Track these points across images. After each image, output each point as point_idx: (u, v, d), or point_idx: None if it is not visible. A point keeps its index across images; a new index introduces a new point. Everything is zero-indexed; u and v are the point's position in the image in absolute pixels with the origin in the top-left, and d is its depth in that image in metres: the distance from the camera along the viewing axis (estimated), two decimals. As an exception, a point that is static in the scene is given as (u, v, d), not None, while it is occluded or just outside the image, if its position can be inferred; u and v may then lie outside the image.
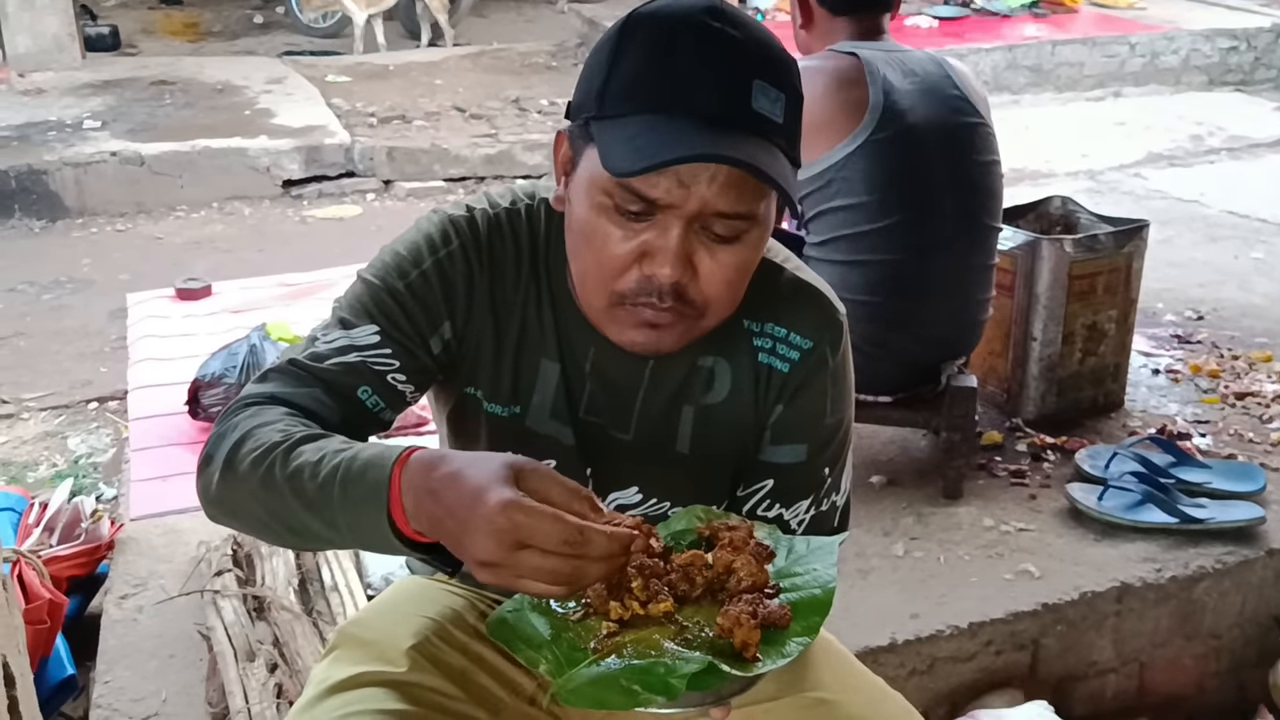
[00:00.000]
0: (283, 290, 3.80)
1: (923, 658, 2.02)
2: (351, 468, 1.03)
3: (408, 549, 1.02)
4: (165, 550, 2.28)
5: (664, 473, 1.30)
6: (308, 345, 1.21)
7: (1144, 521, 2.30)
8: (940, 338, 2.38)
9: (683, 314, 1.14)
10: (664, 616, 1.04)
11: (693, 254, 1.11)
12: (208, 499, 1.14)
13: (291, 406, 1.15)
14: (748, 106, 1.07)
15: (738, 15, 1.11)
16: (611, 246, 1.11)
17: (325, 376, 1.17)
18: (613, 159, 1.06)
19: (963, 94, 2.35)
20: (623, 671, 0.98)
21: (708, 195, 1.08)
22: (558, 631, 1.04)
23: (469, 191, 5.60)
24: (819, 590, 1.09)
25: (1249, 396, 2.89)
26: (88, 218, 5.16)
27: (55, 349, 3.84)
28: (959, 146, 2.34)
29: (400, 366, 1.20)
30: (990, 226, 2.41)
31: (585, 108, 1.12)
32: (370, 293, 1.22)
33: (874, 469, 2.53)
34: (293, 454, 1.06)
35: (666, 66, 1.08)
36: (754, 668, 1.00)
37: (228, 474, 1.10)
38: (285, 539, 1.14)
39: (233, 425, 1.12)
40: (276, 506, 1.07)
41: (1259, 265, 4.09)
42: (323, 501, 1.03)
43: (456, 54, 7.68)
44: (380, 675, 1.23)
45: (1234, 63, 7.46)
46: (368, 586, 2.06)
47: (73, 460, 3.11)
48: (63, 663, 2.13)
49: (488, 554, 0.93)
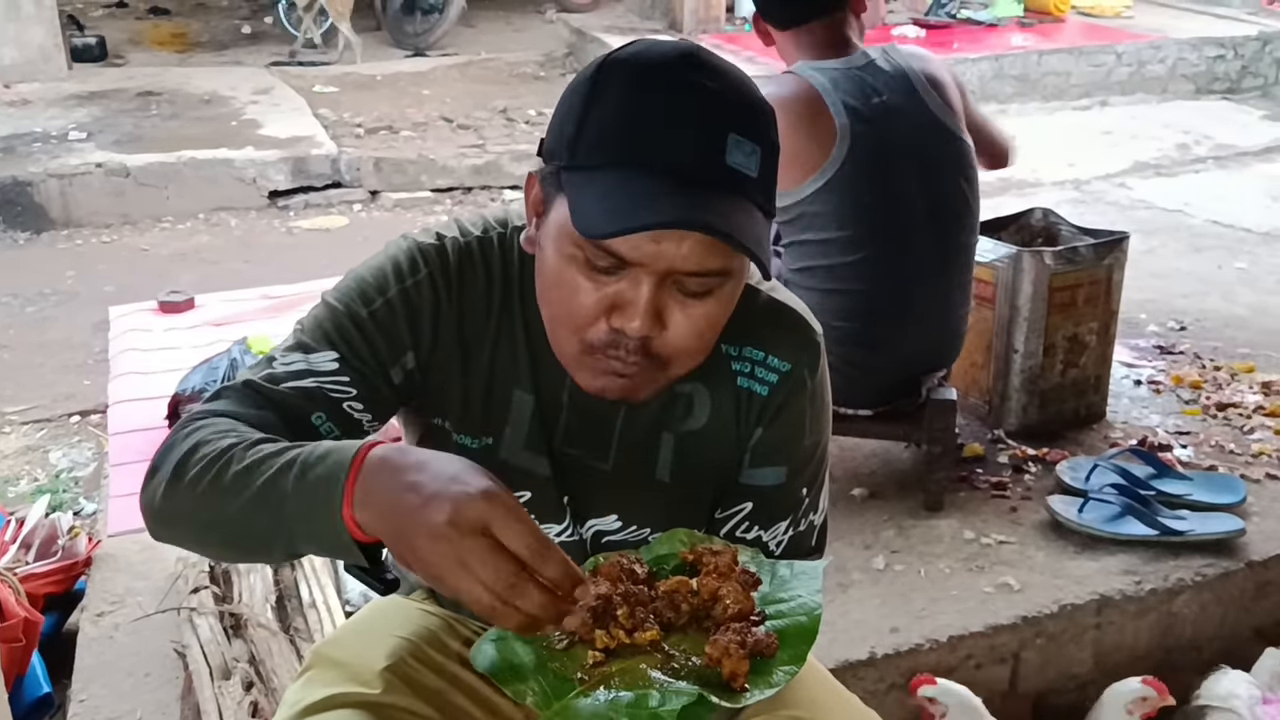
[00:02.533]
0: (265, 303, 3.79)
1: (902, 672, 2.02)
2: (311, 453, 1.02)
3: (352, 545, 0.99)
4: (143, 567, 2.27)
5: (643, 500, 1.29)
6: (264, 365, 1.19)
7: (1124, 534, 2.30)
8: (920, 356, 2.38)
9: (647, 366, 1.13)
10: (650, 645, 1.03)
11: (663, 309, 1.09)
12: (150, 512, 1.11)
13: (243, 425, 1.13)
14: (721, 162, 1.05)
15: (715, 63, 1.09)
16: (581, 297, 1.10)
17: (279, 400, 1.15)
18: (584, 219, 1.04)
19: (934, 111, 2.30)
20: (612, 703, 0.98)
21: (678, 255, 1.06)
22: (543, 661, 1.03)
23: (456, 202, 5.59)
24: (805, 617, 1.08)
25: (1231, 408, 2.90)
26: (73, 229, 5.14)
27: (38, 361, 3.82)
28: (933, 172, 2.30)
29: (357, 395, 1.18)
30: (969, 245, 2.40)
31: (557, 154, 1.10)
32: (332, 317, 1.20)
33: (855, 481, 2.53)
34: (251, 450, 1.05)
35: (640, 118, 1.06)
36: (742, 698, 1.00)
37: (174, 483, 1.07)
38: (219, 547, 1.13)
39: (182, 437, 1.10)
40: (221, 506, 1.04)
41: (1242, 275, 4.10)
42: (273, 491, 1.01)
43: (444, 64, 7.68)
44: (354, 697, 1.23)
45: (1221, 71, 7.49)
46: (346, 604, 2.05)
47: (54, 475, 3.09)
48: (39, 681, 2.12)
49: (442, 524, 0.92)
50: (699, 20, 7.39)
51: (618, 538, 1.30)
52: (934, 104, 2.31)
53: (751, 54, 6.43)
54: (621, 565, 1.08)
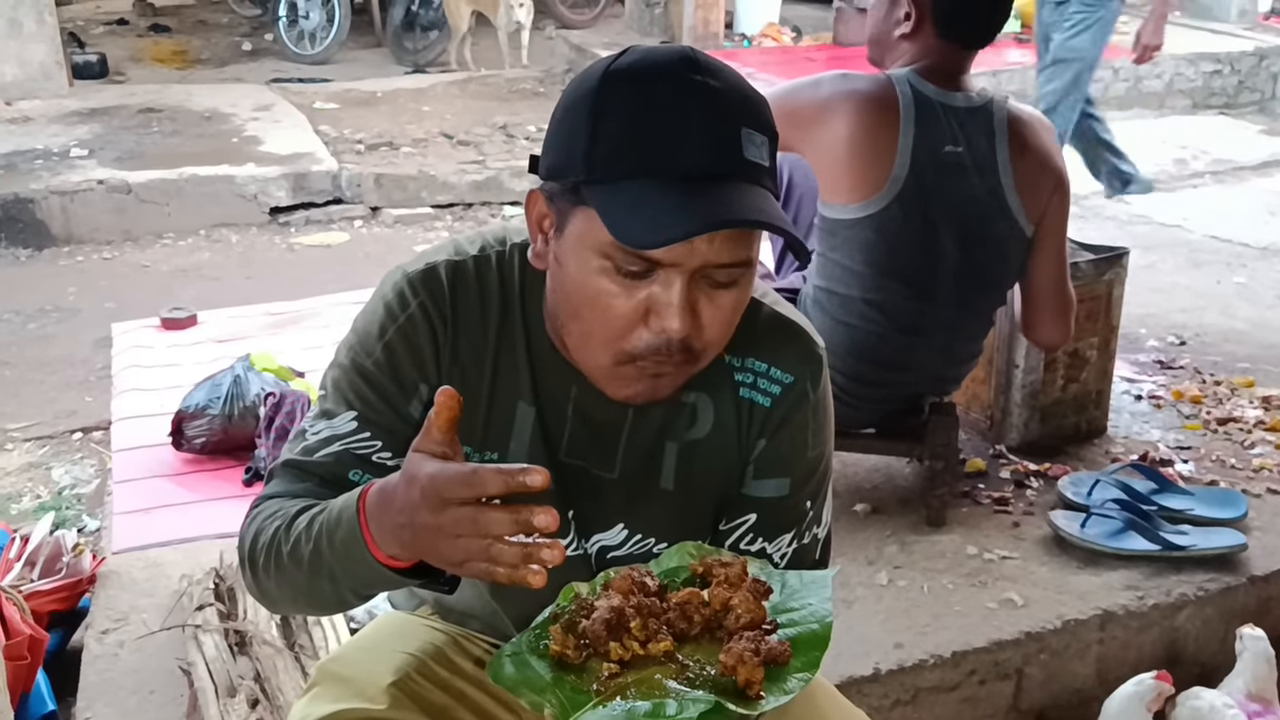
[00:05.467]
0: (268, 319, 3.80)
1: (906, 688, 2.02)
2: (330, 518, 1.11)
3: (399, 576, 1.08)
4: (147, 584, 2.27)
5: (648, 509, 1.30)
6: (299, 439, 1.26)
7: (1126, 549, 2.30)
8: (922, 388, 2.40)
9: (683, 362, 1.15)
10: (664, 656, 1.04)
11: (695, 303, 1.12)
12: (257, 598, 1.27)
13: (289, 502, 1.22)
14: (740, 156, 1.08)
15: (712, 64, 1.12)
16: (616, 306, 1.12)
17: (317, 470, 1.23)
18: (625, 231, 1.06)
19: (1002, 184, 2.19)
20: (629, 713, 0.99)
21: (709, 251, 1.08)
22: (559, 674, 1.04)
23: (457, 218, 5.60)
24: (816, 625, 1.09)
25: (1231, 422, 2.91)
26: (74, 246, 5.14)
27: (40, 378, 3.82)
28: (976, 246, 2.22)
29: (383, 445, 1.23)
30: (989, 310, 2.36)
31: (570, 170, 1.11)
32: (344, 377, 1.26)
33: (858, 497, 2.53)
34: (290, 530, 1.15)
35: (654, 125, 1.07)
36: (758, 705, 1.01)
37: (253, 573, 1.21)
38: (316, 608, 1.27)
39: (246, 528, 1.22)
40: (295, 582, 1.17)
41: (1241, 290, 4.11)
42: (319, 561, 1.12)
43: (444, 80, 7.71)
44: (360, 712, 1.24)
45: (1218, 86, 7.52)
46: (351, 620, 2.05)
47: (56, 492, 3.09)
48: (43, 698, 2.12)
49: (425, 522, 0.99)
50: (697, 36, 7.42)
51: (623, 552, 1.31)
52: (1006, 180, 2.21)
53: (751, 70, 6.46)
54: (633, 578, 1.09)
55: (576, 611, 1.07)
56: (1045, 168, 2.25)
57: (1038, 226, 2.26)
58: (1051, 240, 2.29)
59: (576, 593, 1.11)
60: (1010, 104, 2.26)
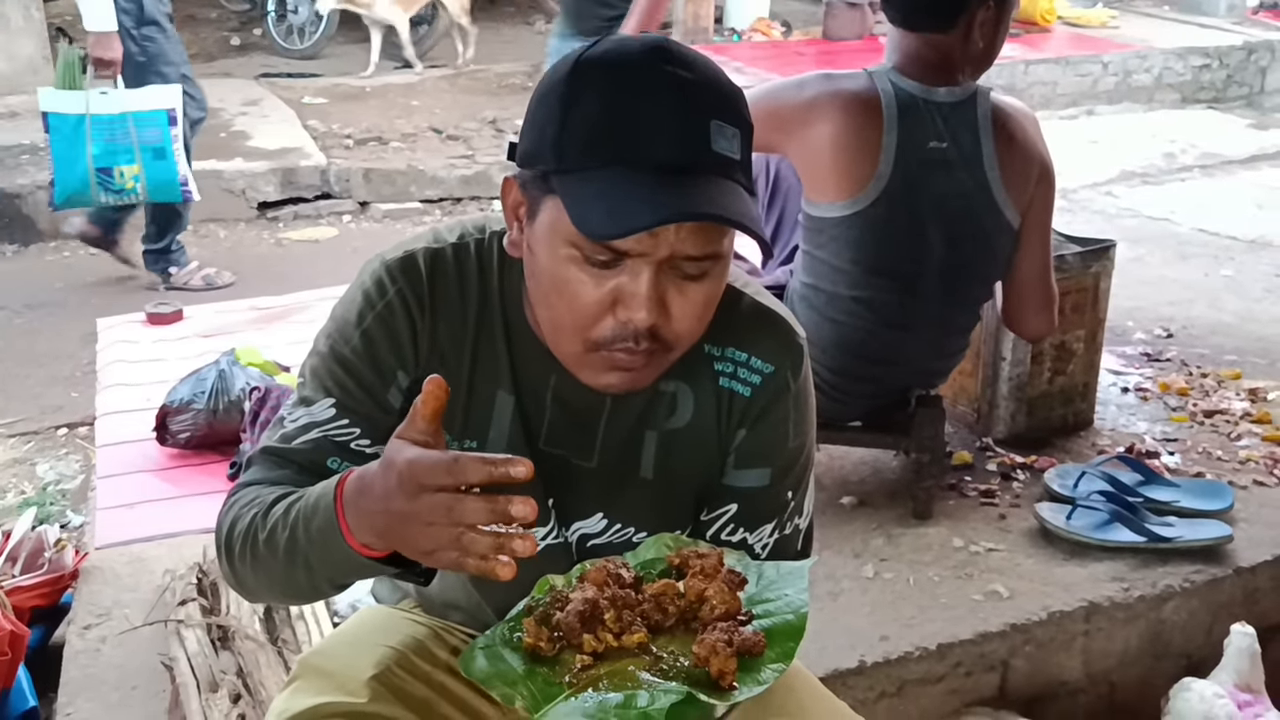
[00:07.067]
0: (254, 314, 3.79)
1: (892, 680, 2.02)
2: (307, 505, 1.10)
3: (374, 564, 1.07)
4: (130, 579, 2.26)
5: (627, 498, 1.30)
6: (277, 426, 1.25)
7: (1112, 541, 2.30)
8: (909, 382, 2.40)
9: (654, 352, 1.15)
10: (638, 647, 1.04)
11: (664, 294, 1.12)
12: (233, 586, 1.25)
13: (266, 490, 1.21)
14: (708, 149, 1.08)
15: (686, 54, 1.12)
16: (583, 295, 1.12)
17: (295, 457, 1.22)
18: (586, 222, 1.06)
19: (988, 179, 2.19)
20: (601, 704, 0.98)
21: (677, 242, 1.09)
22: (531, 666, 1.03)
23: (446, 213, 5.59)
24: (792, 616, 1.09)
25: (1217, 414, 2.91)
26: (60, 241, 5.11)
27: (26, 373, 3.81)
28: (962, 242, 2.22)
29: (362, 433, 1.23)
30: (975, 304, 2.36)
31: (540, 159, 1.12)
32: (323, 364, 1.25)
33: (844, 489, 2.53)
34: (267, 517, 1.15)
35: (624, 115, 1.07)
36: (731, 696, 1.01)
37: (229, 560, 1.20)
38: (292, 598, 1.26)
39: (223, 516, 1.21)
40: (271, 570, 1.16)
41: (1229, 283, 4.11)
42: (295, 548, 1.11)
43: (433, 75, 7.69)
44: (341, 706, 1.23)
45: (1206, 80, 7.53)
46: (334, 614, 2.05)
47: (41, 487, 3.08)
48: (25, 694, 2.10)
49: (399, 509, 0.98)
50: (687, 31, 7.41)
51: (603, 540, 1.30)
52: (993, 173, 2.20)
53: (739, 64, 6.45)
54: (608, 570, 1.09)
55: (551, 604, 1.07)
56: (1031, 159, 2.25)
57: (1023, 218, 2.26)
58: (1036, 232, 2.29)
59: (551, 585, 1.10)
60: (994, 96, 2.25)
